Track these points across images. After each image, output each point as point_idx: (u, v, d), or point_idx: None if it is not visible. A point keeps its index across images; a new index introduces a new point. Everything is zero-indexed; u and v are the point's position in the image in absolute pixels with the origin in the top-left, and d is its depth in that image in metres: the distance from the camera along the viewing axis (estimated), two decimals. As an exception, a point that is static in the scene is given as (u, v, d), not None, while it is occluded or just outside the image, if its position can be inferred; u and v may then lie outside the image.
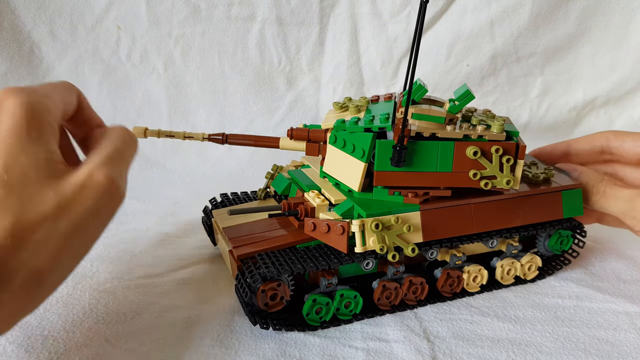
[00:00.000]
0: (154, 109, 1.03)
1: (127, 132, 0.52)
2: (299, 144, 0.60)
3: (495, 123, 0.54)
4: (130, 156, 0.52)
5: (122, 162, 0.50)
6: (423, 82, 0.57)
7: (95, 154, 0.48)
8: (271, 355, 0.51)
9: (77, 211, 0.43)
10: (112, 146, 0.49)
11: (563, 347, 0.54)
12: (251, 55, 1.02)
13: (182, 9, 0.98)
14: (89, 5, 0.96)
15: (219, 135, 0.60)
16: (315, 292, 0.55)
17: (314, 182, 0.63)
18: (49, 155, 0.44)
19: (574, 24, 1.07)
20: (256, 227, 0.59)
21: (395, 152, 0.53)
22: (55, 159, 0.45)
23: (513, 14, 1.03)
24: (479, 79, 1.09)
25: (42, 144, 0.44)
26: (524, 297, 0.63)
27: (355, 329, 0.56)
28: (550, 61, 1.10)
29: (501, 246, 0.65)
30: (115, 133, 0.51)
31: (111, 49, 0.99)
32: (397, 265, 0.57)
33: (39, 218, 0.41)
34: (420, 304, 0.60)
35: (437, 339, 0.54)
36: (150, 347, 0.52)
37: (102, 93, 1.01)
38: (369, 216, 0.53)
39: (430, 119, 0.54)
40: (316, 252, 0.55)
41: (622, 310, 0.60)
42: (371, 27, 1.03)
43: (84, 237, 0.45)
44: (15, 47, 0.96)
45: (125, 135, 0.51)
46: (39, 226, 0.41)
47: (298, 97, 1.06)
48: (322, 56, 1.05)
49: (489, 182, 0.55)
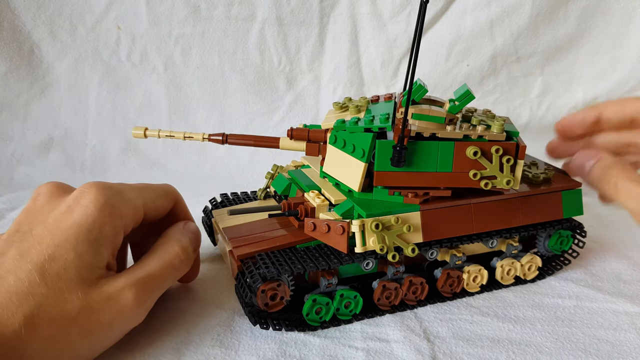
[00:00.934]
0: (154, 109, 1.03)
1: (184, 255, 0.52)
2: (299, 144, 0.60)
3: (495, 123, 0.54)
4: (173, 280, 0.52)
5: (158, 287, 0.50)
6: (423, 82, 0.57)
7: (138, 268, 0.49)
8: (271, 355, 0.51)
9: (93, 321, 0.44)
10: (157, 266, 0.49)
11: (563, 347, 0.54)
12: (251, 55, 1.02)
13: (182, 9, 0.98)
14: (89, 5, 0.96)
15: (219, 135, 0.60)
16: (315, 292, 0.55)
17: (314, 182, 0.63)
18: (95, 259, 0.45)
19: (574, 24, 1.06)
20: (256, 227, 0.59)
21: (395, 152, 0.53)
22: (99, 264, 0.45)
23: (513, 14, 1.03)
24: (479, 79, 1.09)
25: (95, 247, 0.45)
26: (524, 297, 0.63)
27: (355, 329, 0.56)
28: (550, 61, 1.10)
29: (501, 246, 0.65)
30: (172, 250, 0.51)
31: (111, 49, 0.99)
32: (397, 266, 0.57)
33: (57, 317, 0.42)
34: (420, 304, 0.60)
35: (437, 339, 0.54)
36: (151, 348, 0.52)
37: (102, 93, 1.01)
38: (369, 216, 0.53)
39: (430, 119, 0.54)
40: (316, 252, 0.55)
41: (622, 310, 0.60)
42: (371, 27, 1.03)
43: (91, 345, 0.46)
44: (15, 47, 0.96)
45: (179, 257, 0.51)
46: (54, 324, 0.41)
47: (298, 97, 1.06)
48: (322, 56, 1.05)
49: (489, 182, 0.55)
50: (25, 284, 0.41)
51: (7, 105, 0.98)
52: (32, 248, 0.43)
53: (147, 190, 0.53)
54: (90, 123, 1.02)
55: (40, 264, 0.42)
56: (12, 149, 0.98)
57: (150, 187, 0.54)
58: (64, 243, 0.44)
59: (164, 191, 0.55)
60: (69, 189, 0.50)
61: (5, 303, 0.40)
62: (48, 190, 0.49)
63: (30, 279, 0.41)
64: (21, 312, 0.40)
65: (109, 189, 0.48)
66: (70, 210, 0.46)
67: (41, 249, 0.43)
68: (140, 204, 0.51)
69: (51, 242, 0.44)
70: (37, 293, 0.41)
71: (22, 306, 0.40)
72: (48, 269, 0.42)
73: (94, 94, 1.01)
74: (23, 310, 0.40)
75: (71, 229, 0.44)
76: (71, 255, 0.43)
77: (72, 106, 1.01)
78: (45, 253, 0.43)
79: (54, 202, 0.48)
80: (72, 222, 0.45)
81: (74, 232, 0.44)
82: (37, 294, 0.41)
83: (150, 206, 0.52)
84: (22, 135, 0.99)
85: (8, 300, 0.40)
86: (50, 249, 0.43)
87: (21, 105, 0.99)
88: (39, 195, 0.49)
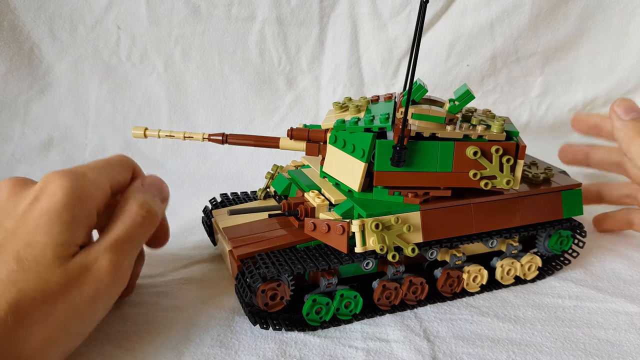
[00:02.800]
0: (154, 109, 1.03)
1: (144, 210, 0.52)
2: (299, 144, 0.60)
3: (495, 123, 0.54)
4: (143, 237, 0.52)
5: (130, 246, 0.50)
6: (423, 82, 0.57)
7: (105, 235, 0.49)
8: (271, 355, 0.51)
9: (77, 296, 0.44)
10: (122, 227, 0.50)
11: (563, 347, 0.54)
12: (251, 55, 1.02)
13: (182, 9, 0.98)
14: (89, 5, 0.96)
15: (219, 136, 0.60)
16: (315, 292, 0.55)
17: (314, 182, 0.63)
18: (70, 237, 0.45)
19: (574, 24, 1.06)
20: (256, 227, 0.59)
21: (395, 152, 0.53)
22: (74, 241, 0.46)
23: (513, 14, 1.03)
24: (479, 79, 1.09)
25: (69, 226, 0.45)
26: (524, 297, 0.63)
27: (355, 329, 0.56)
28: (550, 61, 1.10)
29: (501, 246, 0.65)
30: (131, 210, 0.51)
31: (111, 49, 0.99)
32: (397, 265, 0.57)
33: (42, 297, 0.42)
34: (420, 304, 0.60)
35: (437, 339, 0.54)
36: (151, 347, 0.52)
37: (102, 93, 1.01)
38: (369, 216, 0.53)
39: (430, 119, 0.54)
40: (316, 252, 0.55)
41: (622, 310, 0.60)
42: (371, 27, 1.03)
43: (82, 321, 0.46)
44: (15, 47, 0.96)
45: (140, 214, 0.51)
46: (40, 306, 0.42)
47: (298, 97, 1.06)
48: (322, 56, 1.05)
49: (489, 182, 0.55)
50: (4, 273, 0.42)
51: (7, 105, 0.98)
52: (4, 240, 0.44)
53: (107, 167, 0.53)
54: (90, 123, 1.02)
55: (16, 252, 0.43)
56: (12, 149, 0.98)
57: (109, 163, 0.54)
58: (36, 229, 0.44)
59: (121, 163, 0.55)
60: (30, 182, 0.50)
61: None
62: (9, 185, 0.49)
63: (8, 268, 0.42)
64: (4, 300, 0.40)
65: (72, 174, 0.48)
66: (38, 200, 0.46)
67: (14, 239, 0.44)
68: (105, 181, 0.51)
69: (24, 231, 0.44)
70: (17, 279, 0.42)
71: (5, 295, 0.40)
72: (24, 255, 0.43)
73: (94, 94, 1.01)
74: (6, 298, 0.40)
75: (42, 216, 0.45)
76: (45, 238, 0.44)
77: (72, 106, 1.01)
78: (20, 241, 0.43)
79: (18, 195, 0.48)
80: (42, 209, 0.45)
81: (45, 218, 0.45)
82: (17, 280, 0.42)
83: (114, 181, 0.52)
84: (22, 135, 0.99)
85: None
86: (24, 237, 0.44)
87: (21, 105, 0.99)
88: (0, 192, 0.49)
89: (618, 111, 0.68)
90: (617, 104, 0.69)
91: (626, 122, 0.67)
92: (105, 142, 1.02)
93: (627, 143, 0.66)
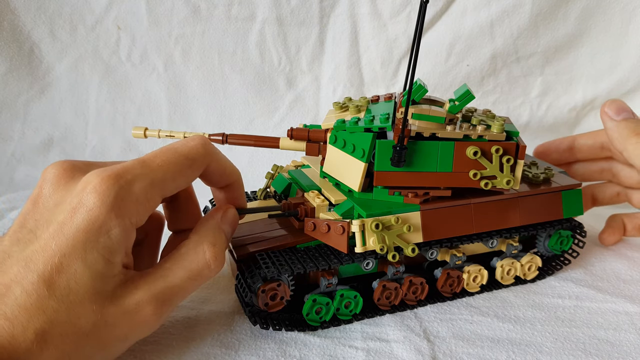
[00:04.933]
0: (154, 109, 1.03)
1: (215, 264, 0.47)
2: (299, 144, 0.60)
3: (495, 123, 0.54)
4: (193, 290, 0.47)
5: (179, 299, 0.46)
6: (423, 82, 0.57)
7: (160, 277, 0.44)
8: (271, 355, 0.51)
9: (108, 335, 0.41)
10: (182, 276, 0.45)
11: (563, 347, 0.54)
12: (251, 55, 1.02)
13: (182, 9, 0.98)
14: (89, 5, 0.96)
15: (219, 135, 0.60)
16: (315, 292, 0.55)
17: (314, 182, 0.63)
18: (107, 268, 0.41)
19: (574, 24, 1.06)
20: (256, 227, 0.59)
21: (395, 152, 0.53)
22: (112, 273, 0.42)
23: (513, 14, 1.03)
24: (479, 79, 1.09)
25: (105, 255, 0.41)
26: (524, 297, 0.63)
27: (355, 329, 0.56)
28: (550, 61, 1.10)
29: (501, 246, 0.65)
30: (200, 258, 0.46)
31: (111, 49, 0.99)
32: (397, 265, 0.57)
33: (70, 332, 0.39)
34: (420, 304, 0.60)
35: (437, 339, 0.54)
36: (151, 347, 0.52)
37: (102, 93, 1.01)
38: (369, 216, 0.53)
39: (430, 119, 0.54)
40: (316, 252, 0.55)
41: (622, 310, 0.60)
42: (371, 27, 1.03)
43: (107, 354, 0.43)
44: (15, 47, 0.95)
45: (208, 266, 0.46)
46: (67, 339, 0.39)
47: (298, 97, 1.06)
48: (322, 56, 1.05)
49: (489, 182, 0.55)
50: (34, 297, 0.38)
51: (7, 105, 0.98)
52: (36, 254, 0.40)
53: (166, 167, 0.45)
54: (90, 123, 1.02)
55: (48, 274, 0.39)
56: (12, 149, 0.98)
57: (171, 161, 0.46)
58: (70, 252, 0.40)
59: (192, 163, 0.47)
60: (78, 171, 0.45)
61: (15, 317, 0.38)
62: (54, 176, 0.45)
63: (38, 292, 0.39)
64: (32, 328, 0.37)
65: (115, 184, 0.42)
66: (74, 212, 0.41)
67: (46, 256, 0.40)
68: (154, 194, 0.44)
69: (57, 249, 0.40)
70: (47, 307, 0.39)
71: (33, 321, 0.38)
72: (56, 281, 0.39)
73: (94, 94, 1.01)
74: (34, 326, 0.38)
75: (76, 235, 0.40)
76: (80, 267, 0.40)
77: (72, 106, 1.01)
78: (51, 262, 0.40)
79: (60, 192, 0.44)
80: (77, 227, 0.40)
81: (80, 239, 0.40)
82: (47, 308, 0.38)
83: (169, 187, 0.46)
84: (22, 135, 0.99)
85: (17, 314, 0.38)
86: (56, 258, 0.40)
87: (21, 105, 0.99)
88: (45, 182, 0.45)
89: (609, 112, 0.68)
90: (608, 105, 0.69)
91: (618, 122, 0.67)
92: (105, 142, 1.02)
93: (622, 142, 0.66)
